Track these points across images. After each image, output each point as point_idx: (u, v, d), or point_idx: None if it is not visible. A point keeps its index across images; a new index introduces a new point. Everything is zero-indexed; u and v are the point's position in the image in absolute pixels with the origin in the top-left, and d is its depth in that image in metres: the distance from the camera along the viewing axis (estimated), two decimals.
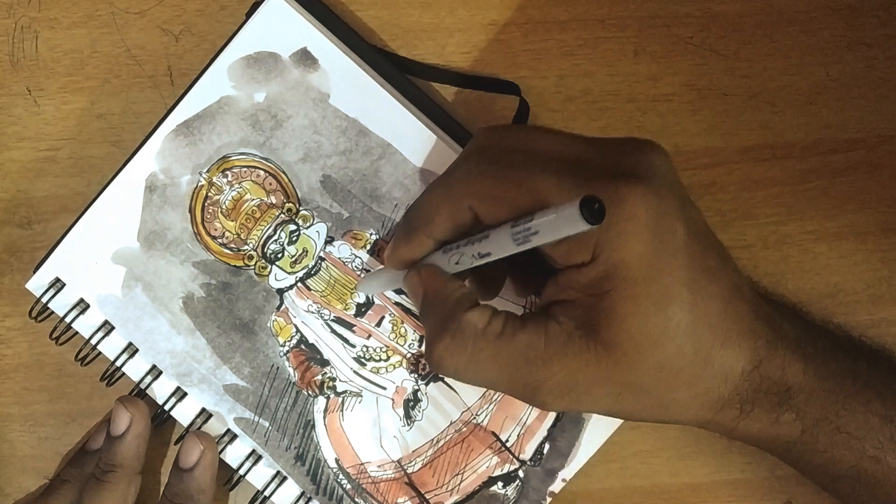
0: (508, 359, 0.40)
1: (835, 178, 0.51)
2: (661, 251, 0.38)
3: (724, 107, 0.51)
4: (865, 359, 0.44)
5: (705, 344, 0.39)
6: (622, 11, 0.51)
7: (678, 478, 0.51)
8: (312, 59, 0.49)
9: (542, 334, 0.39)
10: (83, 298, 0.49)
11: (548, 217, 0.35)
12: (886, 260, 0.51)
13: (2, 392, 0.51)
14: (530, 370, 0.39)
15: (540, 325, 0.39)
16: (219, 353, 0.49)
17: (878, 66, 0.51)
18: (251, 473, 0.50)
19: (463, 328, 0.40)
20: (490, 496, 0.50)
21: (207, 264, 0.49)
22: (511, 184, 0.39)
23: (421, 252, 0.43)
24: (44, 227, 0.51)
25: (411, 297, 0.43)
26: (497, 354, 0.40)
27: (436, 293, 0.42)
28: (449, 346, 0.40)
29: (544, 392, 0.40)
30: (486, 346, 0.40)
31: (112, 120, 0.51)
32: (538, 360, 0.39)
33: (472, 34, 0.51)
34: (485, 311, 0.40)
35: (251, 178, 0.49)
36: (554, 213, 0.35)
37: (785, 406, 0.41)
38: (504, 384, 0.41)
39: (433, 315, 0.41)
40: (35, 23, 0.51)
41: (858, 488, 0.43)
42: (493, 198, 0.40)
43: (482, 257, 0.39)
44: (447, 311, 0.41)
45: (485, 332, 0.40)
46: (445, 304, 0.41)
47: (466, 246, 0.40)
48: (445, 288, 0.41)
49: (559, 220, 0.34)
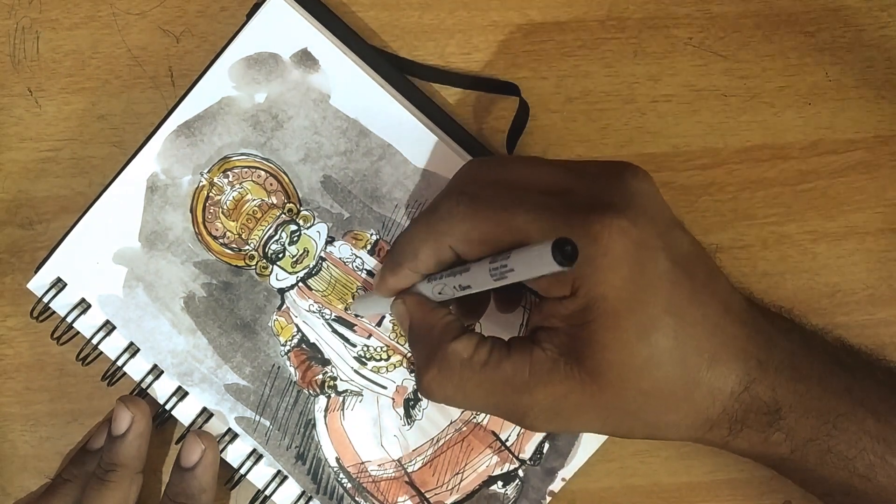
0: (494, 386, 0.40)
1: (834, 179, 0.51)
2: (640, 282, 0.38)
3: (724, 107, 0.52)
4: (862, 371, 0.44)
5: (692, 368, 0.39)
6: (622, 12, 0.52)
7: (677, 477, 0.51)
8: (313, 59, 0.49)
9: (528, 361, 0.40)
10: (84, 298, 0.49)
11: (522, 256, 0.36)
12: (885, 260, 0.51)
13: (3, 392, 0.51)
14: (516, 397, 0.40)
15: (525, 352, 0.40)
16: (220, 353, 0.49)
17: (877, 66, 0.52)
18: (252, 473, 0.50)
19: (449, 358, 0.41)
20: (490, 495, 0.50)
21: (208, 264, 0.50)
22: (489, 223, 0.40)
23: (406, 283, 0.44)
24: (45, 227, 0.51)
25: (398, 323, 0.44)
26: (483, 383, 0.40)
27: (421, 322, 0.43)
28: (436, 376, 0.41)
29: (531, 417, 0.40)
30: (472, 376, 0.40)
31: (113, 120, 0.51)
32: (524, 387, 0.40)
33: (472, 35, 0.51)
34: (470, 340, 0.41)
35: (252, 179, 0.49)
36: (527, 253, 0.35)
37: (774, 427, 0.42)
38: (492, 409, 0.42)
39: (420, 344, 0.42)
40: (36, 23, 0.51)
41: (851, 502, 0.44)
42: (472, 238, 0.40)
43: (463, 289, 0.40)
44: (434, 342, 0.41)
45: (471, 362, 0.41)
46: (431, 334, 0.42)
47: (449, 278, 0.41)
48: (431, 317, 0.42)
49: (532, 259, 0.35)
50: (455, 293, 0.41)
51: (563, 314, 0.39)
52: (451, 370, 0.41)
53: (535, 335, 0.41)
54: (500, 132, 0.51)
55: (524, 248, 0.36)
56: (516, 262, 0.36)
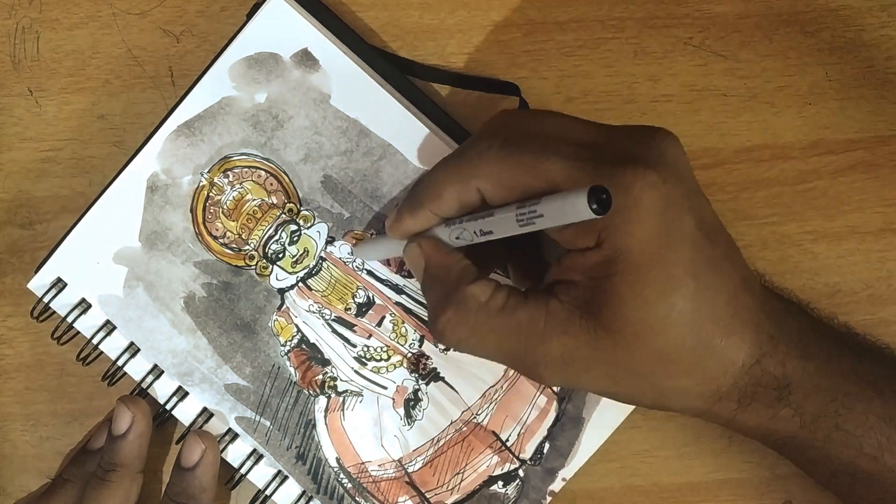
0: (509, 332, 0.40)
1: (834, 179, 0.51)
2: (666, 239, 0.38)
3: (724, 107, 0.52)
4: (869, 357, 0.44)
5: (707, 335, 0.39)
6: (622, 12, 0.52)
7: (678, 477, 0.51)
8: (313, 59, 0.49)
9: (543, 310, 0.40)
10: (85, 298, 0.49)
11: (554, 202, 0.35)
12: (885, 260, 0.51)
13: (3, 392, 0.51)
14: (529, 344, 0.40)
15: (541, 301, 0.40)
16: (220, 353, 0.49)
17: (877, 66, 0.52)
18: (252, 473, 0.50)
19: (466, 300, 0.41)
20: (490, 495, 0.50)
21: (209, 264, 0.50)
22: (520, 167, 0.39)
23: (424, 226, 0.43)
24: (45, 227, 0.51)
25: (411, 266, 0.44)
26: (498, 328, 0.40)
27: (438, 265, 0.42)
28: (452, 317, 0.41)
29: (542, 366, 0.40)
30: (487, 320, 0.40)
31: (113, 120, 0.51)
32: (538, 335, 0.40)
33: (472, 35, 0.51)
34: (488, 285, 0.41)
35: (252, 179, 0.49)
36: (561, 199, 0.35)
37: (784, 402, 0.41)
38: (504, 356, 0.41)
39: (436, 287, 0.42)
40: (36, 23, 0.51)
41: (856, 485, 0.44)
42: (502, 181, 0.40)
43: (484, 234, 0.40)
44: (450, 284, 0.41)
45: (487, 306, 0.40)
46: (448, 277, 0.42)
47: (469, 222, 0.40)
48: (448, 259, 0.42)
49: (565, 206, 0.35)
50: (474, 238, 0.40)
51: (584, 266, 0.39)
52: (467, 313, 0.40)
53: (553, 288, 0.40)
54: None
55: (557, 195, 0.36)
56: (547, 208, 0.36)
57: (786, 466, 0.46)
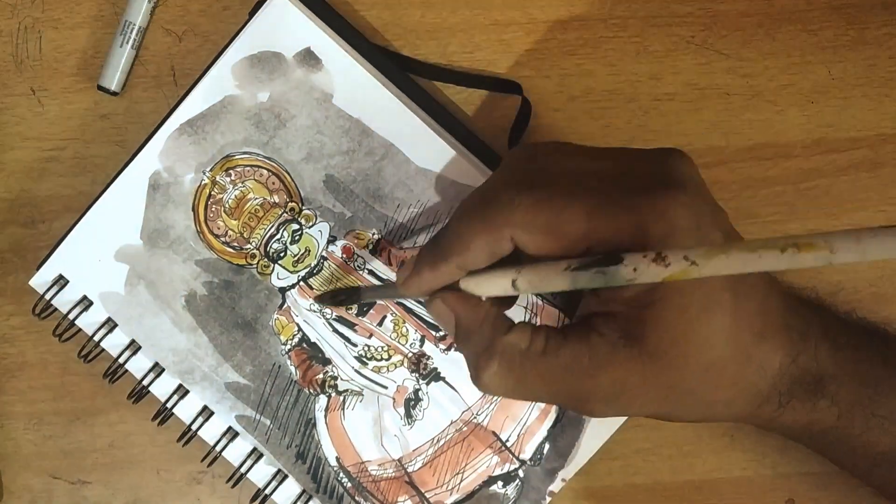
0: (555, 374, 0.40)
1: (836, 177, 0.51)
2: None
3: (726, 106, 0.51)
4: (893, 341, 0.45)
5: (744, 342, 0.40)
6: (624, 11, 0.51)
7: (680, 475, 0.51)
8: (316, 58, 0.49)
9: (586, 346, 0.39)
10: (86, 296, 0.49)
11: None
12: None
13: (6, 390, 0.51)
14: (577, 383, 0.40)
15: (582, 337, 0.40)
16: (221, 351, 0.49)
17: (880, 65, 0.51)
18: (252, 471, 0.50)
19: (507, 351, 0.40)
20: (490, 495, 0.50)
21: (210, 263, 0.50)
22: (554, 210, 0.38)
23: (446, 280, 0.41)
24: (48, 226, 0.51)
25: (439, 321, 0.43)
26: (544, 372, 0.40)
27: (469, 318, 0.41)
28: (497, 371, 0.40)
29: (593, 402, 0.40)
30: (532, 367, 0.40)
31: (116, 120, 0.51)
32: (584, 372, 0.39)
33: (474, 34, 0.51)
34: (524, 330, 0.40)
35: (254, 178, 0.50)
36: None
37: (820, 394, 0.42)
38: (554, 398, 0.41)
39: (472, 340, 0.41)
40: (38, 23, 0.51)
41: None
42: (538, 227, 0.39)
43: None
44: (486, 337, 0.41)
45: (529, 353, 0.40)
46: (483, 330, 0.41)
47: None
48: (478, 313, 0.41)
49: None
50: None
51: (625, 297, 0.39)
52: (512, 363, 0.40)
53: (591, 321, 0.40)
54: (502, 131, 0.51)
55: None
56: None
57: (788, 465, 0.45)
